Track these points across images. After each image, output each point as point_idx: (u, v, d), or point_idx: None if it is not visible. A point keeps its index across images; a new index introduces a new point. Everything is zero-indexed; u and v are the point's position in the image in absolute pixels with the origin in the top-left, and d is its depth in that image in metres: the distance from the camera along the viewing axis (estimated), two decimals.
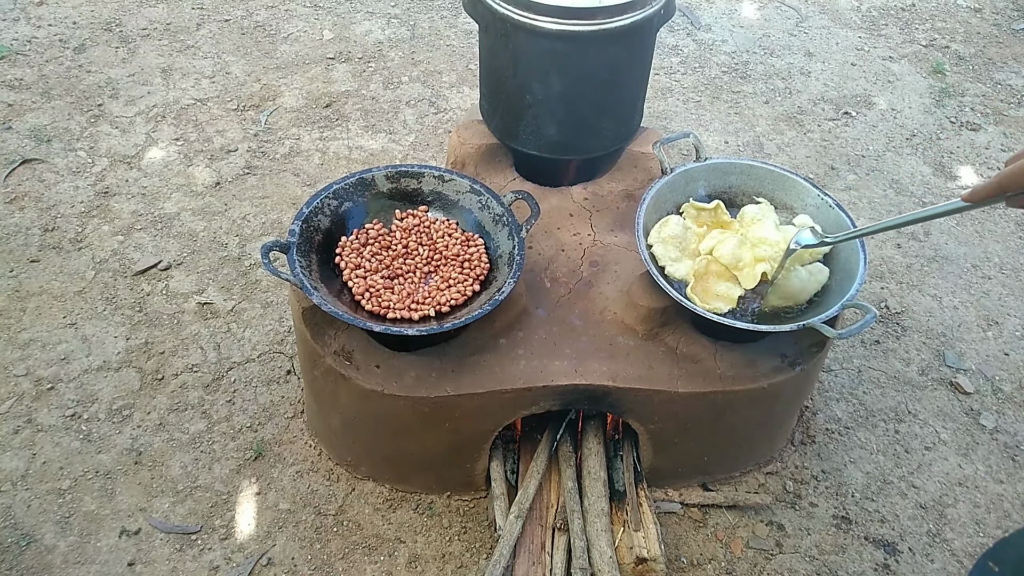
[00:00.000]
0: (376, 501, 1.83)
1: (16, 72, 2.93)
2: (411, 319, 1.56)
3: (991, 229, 2.60)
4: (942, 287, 2.40)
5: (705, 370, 1.62)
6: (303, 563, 1.72)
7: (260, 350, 2.12)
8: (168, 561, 1.71)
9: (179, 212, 2.48)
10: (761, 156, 2.80)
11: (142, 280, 2.27)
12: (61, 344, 2.10)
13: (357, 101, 2.93)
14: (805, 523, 1.84)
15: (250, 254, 2.36)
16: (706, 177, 1.77)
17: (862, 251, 1.58)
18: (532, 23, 1.66)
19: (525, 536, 1.64)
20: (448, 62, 3.15)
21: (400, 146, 2.77)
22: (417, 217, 1.73)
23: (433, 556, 1.74)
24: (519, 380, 1.59)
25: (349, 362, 1.60)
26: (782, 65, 3.24)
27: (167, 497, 1.82)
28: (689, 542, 1.79)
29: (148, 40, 3.14)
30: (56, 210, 2.45)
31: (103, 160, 2.63)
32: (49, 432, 1.91)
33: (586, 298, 1.74)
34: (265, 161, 2.67)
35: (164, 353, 2.09)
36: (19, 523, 1.75)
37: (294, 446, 1.92)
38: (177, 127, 2.77)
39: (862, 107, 3.05)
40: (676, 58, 3.25)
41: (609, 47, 1.72)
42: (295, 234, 1.56)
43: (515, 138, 1.92)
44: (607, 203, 1.95)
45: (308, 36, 3.23)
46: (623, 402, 1.63)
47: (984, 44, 3.41)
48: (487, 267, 1.67)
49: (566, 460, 1.74)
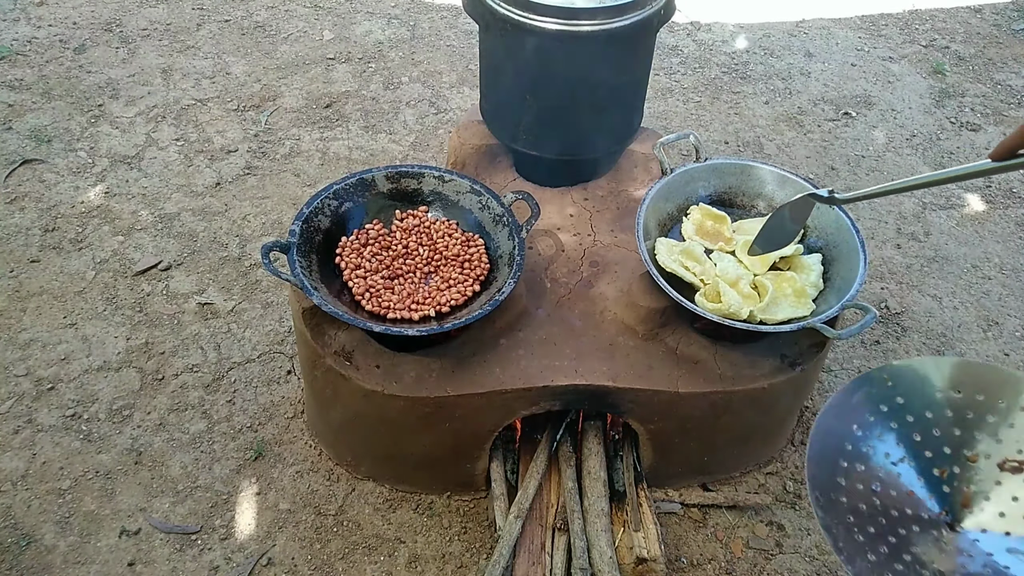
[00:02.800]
0: (376, 501, 1.83)
1: (16, 72, 2.93)
2: (411, 319, 1.56)
3: (991, 229, 2.60)
4: (942, 287, 2.40)
5: (705, 370, 1.62)
6: (303, 563, 1.72)
7: (260, 350, 2.12)
8: (168, 561, 1.71)
9: (179, 212, 2.48)
10: (761, 156, 2.80)
11: (142, 280, 2.27)
12: (61, 344, 2.10)
13: (357, 101, 2.93)
14: (805, 523, 1.84)
15: (250, 254, 2.36)
16: (706, 177, 1.77)
17: (862, 251, 1.58)
18: (532, 23, 1.66)
19: (525, 536, 1.64)
20: (448, 62, 3.15)
21: (400, 146, 2.77)
22: (417, 217, 1.73)
23: (433, 556, 1.75)
24: (519, 380, 1.59)
25: (349, 362, 1.60)
26: (782, 65, 3.25)
27: (167, 497, 1.82)
28: (689, 542, 1.79)
29: (148, 40, 3.14)
30: (56, 210, 2.45)
31: (103, 160, 2.63)
32: (49, 432, 1.91)
33: (586, 298, 1.74)
34: (265, 161, 2.67)
35: (164, 353, 2.09)
36: (19, 523, 1.75)
37: (294, 446, 1.92)
38: (177, 127, 2.77)
39: (862, 107, 3.05)
40: (676, 58, 3.25)
41: (609, 47, 1.72)
42: (295, 234, 1.56)
43: (515, 138, 1.92)
44: (607, 203, 1.95)
45: (308, 36, 3.23)
46: (623, 402, 1.63)
47: (984, 44, 3.41)
48: (487, 267, 1.67)
49: (566, 460, 1.74)
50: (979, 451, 0.95)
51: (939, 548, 0.89)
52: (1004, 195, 2.73)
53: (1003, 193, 2.73)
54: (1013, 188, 2.76)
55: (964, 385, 0.96)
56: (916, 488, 0.94)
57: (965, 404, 0.96)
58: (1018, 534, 0.89)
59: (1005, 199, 2.71)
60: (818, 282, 1.62)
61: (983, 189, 2.75)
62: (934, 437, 0.96)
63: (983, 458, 0.94)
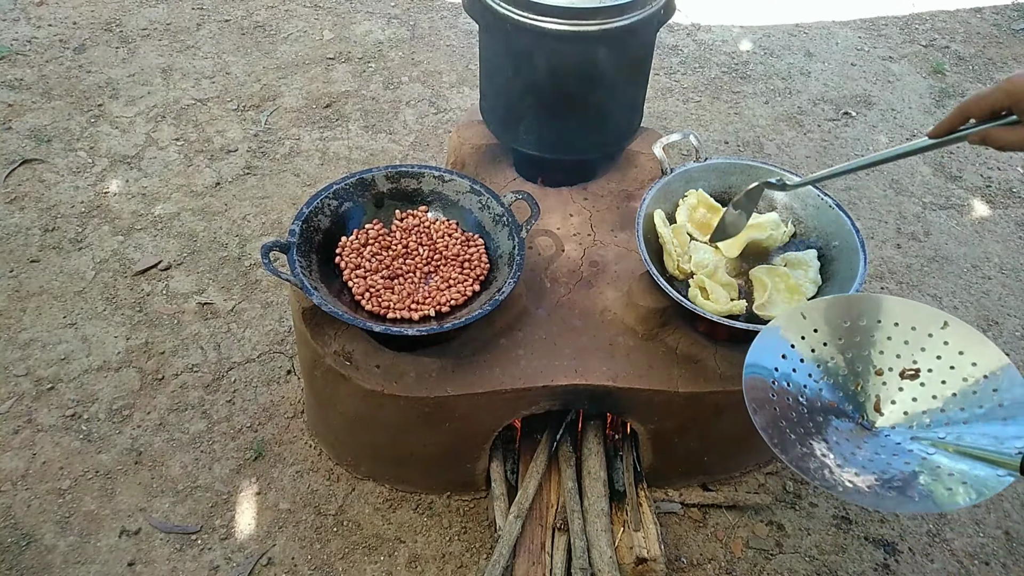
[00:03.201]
0: (376, 501, 1.83)
1: (16, 72, 2.93)
2: (411, 319, 1.56)
3: (991, 229, 2.60)
4: (942, 287, 2.40)
5: (705, 370, 1.62)
6: (303, 563, 1.72)
7: (260, 350, 2.12)
8: (168, 561, 1.71)
9: (179, 212, 2.48)
10: (761, 156, 2.80)
11: (142, 280, 2.27)
12: (61, 344, 2.10)
13: (357, 101, 2.93)
14: (805, 523, 1.84)
15: (250, 254, 2.36)
16: (706, 177, 1.77)
17: (862, 251, 1.58)
18: (532, 23, 1.66)
19: (525, 536, 1.64)
20: (448, 62, 3.15)
21: (400, 146, 2.77)
22: (417, 217, 1.73)
23: (433, 556, 1.75)
24: (519, 380, 1.59)
25: (349, 362, 1.60)
26: (782, 65, 3.25)
27: (167, 497, 1.82)
28: (689, 542, 1.79)
29: (148, 40, 3.14)
30: (56, 210, 2.45)
31: (103, 160, 2.63)
32: (49, 432, 1.91)
33: (586, 298, 1.74)
34: (265, 161, 2.67)
35: (164, 353, 2.09)
36: (19, 523, 1.75)
37: (294, 446, 1.92)
38: (177, 127, 2.77)
39: (862, 107, 3.05)
40: (676, 58, 3.25)
41: (609, 47, 1.72)
42: (295, 234, 1.56)
43: (515, 138, 1.92)
44: (607, 203, 1.95)
45: (308, 36, 3.23)
46: (623, 402, 1.63)
47: (984, 44, 3.41)
48: (487, 267, 1.67)
49: (566, 460, 1.74)
50: (882, 366, 1.17)
51: (857, 443, 1.11)
52: (1004, 195, 2.73)
53: (1003, 193, 2.73)
54: (1013, 188, 2.76)
55: (862, 315, 1.19)
56: (836, 399, 1.16)
57: (865, 329, 1.18)
58: (919, 425, 1.11)
59: (1005, 199, 2.72)
60: (816, 278, 1.62)
61: (983, 189, 2.75)
62: (845, 358, 1.18)
63: (887, 371, 1.16)
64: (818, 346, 1.18)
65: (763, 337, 1.19)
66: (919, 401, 1.14)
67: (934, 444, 1.08)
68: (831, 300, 1.22)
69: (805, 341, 1.18)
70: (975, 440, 1.07)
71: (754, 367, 1.15)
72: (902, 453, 1.09)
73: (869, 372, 1.17)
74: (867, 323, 1.18)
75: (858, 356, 1.18)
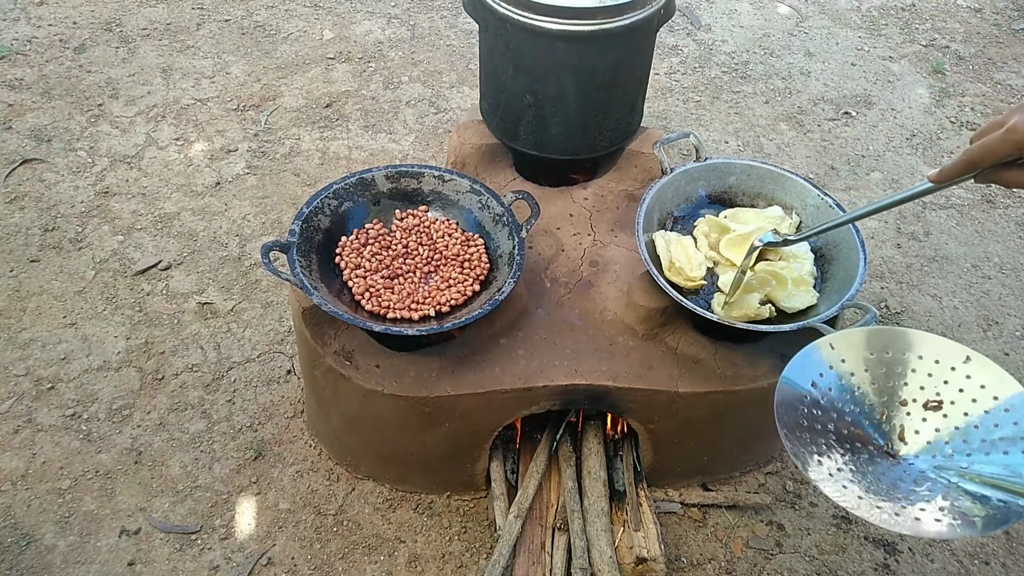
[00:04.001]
0: (376, 501, 1.83)
1: (16, 72, 2.93)
2: (411, 319, 1.56)
3: (991, 229, 2.60)
4: (942, 287, 2.40)
5: (705, 370, 1.62)
6: (303, 563, 1.72)
7: (260, 350, 2.12)
8: (168, 561, 1.71)
9: (179, 212, 2.48)
10: (761, 156, 2.80)
11: (142, 280, 2.27)
12: (61, 344, 2.10)
13: (357, 101, 2.93)
14: (805, 523, 1.84)
15: (250, 254, 2.36)
16: (706, 177, 1.77)
17: (862, 251, 1.58)
18: (532, 23, 1.66)
19: (525, 536, 1.64)
20: (448, 62, 3.15)
21: (400, 146, 2.77)
22: (417, 217, 1.73)
23: (433, 556, 1.75)
24: (519, 380, 1.59)
25: (349, 362, 1.60)
26: (782, 65, 3.24)
27: (167, 497, 1.82)
28: (689, 542, 1.79)
29: (148, 40, 3.14)
30: (56, 210, 2.45)
31: (103, 160, 2.63)
32: (49, 432, 1.91)
33: (586, 298, 1.74)
34: (265, 161, 2.67)
35: (164, 353, 2.09)
36: (19, 523, 1.75)
37: (294, 446, 1.92)
38: (177, 127, 2.77)
39: (862, 107, 3.05)
40: (676, 58, 3.25)
41: (609, 47, 1.72)
42: (295, 234, 1.56)
43: (515, 138, 1.92)
44: (607, 203, 1.95)
45: (308, 36, 3.23)
46: (623, 402, 1.63)
47: (984, 44, 3.41)
48: (487, 267, 1.67)
49: (566, 460, 1.74)
50: (906, 397, 1.20)
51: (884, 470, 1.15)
52: (1004, 195, 2.73)
53: (1003, 193, 2.73)
54: None
55: (888, 347, 1.22)
56: (863, 428, 1.19)
57: (891, 361, 1.22)
58: (942, 454, 1.15)
59: (1005, 199, 2.71)
60: (813, 269, 1.63)
61: (983, 189, 2.75)
62: (872, 388, 1.21)
63: (911, 401, 1.20)
64: (846, 373, 1.22)
65: (804, 355, 1.22)
66: (942, 431, 1.18)
67: (958, 473, 1.12)
68: (861, 332, 1.25)
69: (840, 366, 1.22)
70: (996, 470, 1.10)
71: (788, 389, 1.18)
72: (926, 481, 1.12)
73: (894, 402, 1.21)
74: (892, 355, 1.22)
75: (884, 386, 1.21)
